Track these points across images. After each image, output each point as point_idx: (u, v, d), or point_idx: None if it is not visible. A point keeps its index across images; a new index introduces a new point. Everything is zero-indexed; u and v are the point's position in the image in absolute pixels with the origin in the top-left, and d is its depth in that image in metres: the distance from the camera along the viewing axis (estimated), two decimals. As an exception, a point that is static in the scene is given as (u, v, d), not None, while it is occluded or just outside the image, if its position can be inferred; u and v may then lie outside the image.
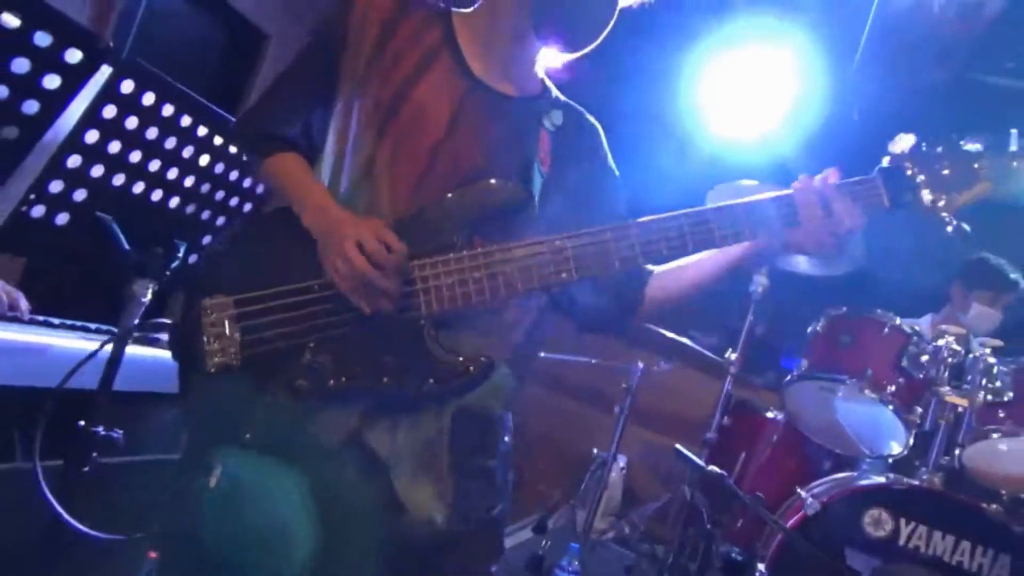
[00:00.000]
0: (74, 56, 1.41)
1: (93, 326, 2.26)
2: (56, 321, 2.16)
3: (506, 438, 1.33)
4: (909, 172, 1.23)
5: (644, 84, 3.86)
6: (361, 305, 1.20)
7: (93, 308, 2.28)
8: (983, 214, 1.29)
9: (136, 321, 1.81)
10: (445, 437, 1.23)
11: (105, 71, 1.50)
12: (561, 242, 1.20)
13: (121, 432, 1.79)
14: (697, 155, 4.14)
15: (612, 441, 3.37)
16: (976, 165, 1.21)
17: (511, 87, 1.37)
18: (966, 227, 1.24)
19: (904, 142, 1.25)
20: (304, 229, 1.28)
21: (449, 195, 1.22)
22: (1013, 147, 1.20)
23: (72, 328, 2.17)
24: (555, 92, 1.46)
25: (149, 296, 1.81)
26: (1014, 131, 1.22)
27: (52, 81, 1.41)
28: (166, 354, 2.17)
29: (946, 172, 1.23)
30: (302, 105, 1.38)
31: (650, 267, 1.39)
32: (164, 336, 2.38)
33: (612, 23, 1.30)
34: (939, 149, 1.23)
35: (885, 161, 1.25)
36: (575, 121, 1.45)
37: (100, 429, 1.75)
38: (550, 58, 1.42)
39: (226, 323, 1.23)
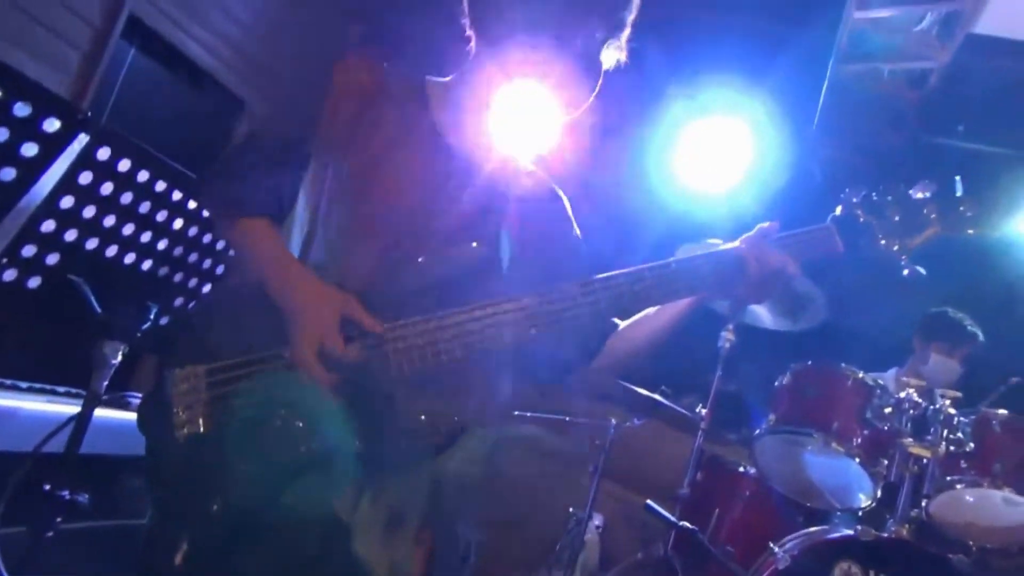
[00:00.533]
0: (52, 125, 1.46)
1: (62, 389, 2.26)
2: (24, 384, 2.16)
3: (484, 504, 1.35)
4: (861, 219, 1.32)
5: (615, 144, 3.99)
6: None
7: (60, 370, 2.28)
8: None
9: (105, 383, 1.82)
10: (418, 503, 1.24)
11: (82, 138, 1.55)
12: (528, 300, 1.24)
13: (87, 496, 1.78)
14: (665, 214, 4.26)
15: (587, 500, 3.36)
16: (925, 211, 1.31)
17: (483, 153, 1.43)
18: (921, 270, 1.32)
19: (854, 193, 1.34)
20: (266, 300, 1.29)
21: (420, 259, 1.26)
22: (959, 192, 1.31)
23: (40, 391, 2.17)
24: (520, 156, 1.53)
25: (119, 358, 1.83)
26: (958, 178, 1.32)
27: (30, 149, 1.45)
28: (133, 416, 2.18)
29: (897, 218, 1.32)
30: (275, 167, 1.40)
31: (616, 320, 1.45)
32: (134, 398, 2.38)
33: (593, 96, 1.37)
34: (889, 198, 1.33)
35: (838, 210, 1.34)
36: (540, 187, 1.52)
37: (66, 493, 1.74)
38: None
39: (197, 392, 1.24)
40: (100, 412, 1.82)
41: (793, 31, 3.78)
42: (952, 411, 2.47)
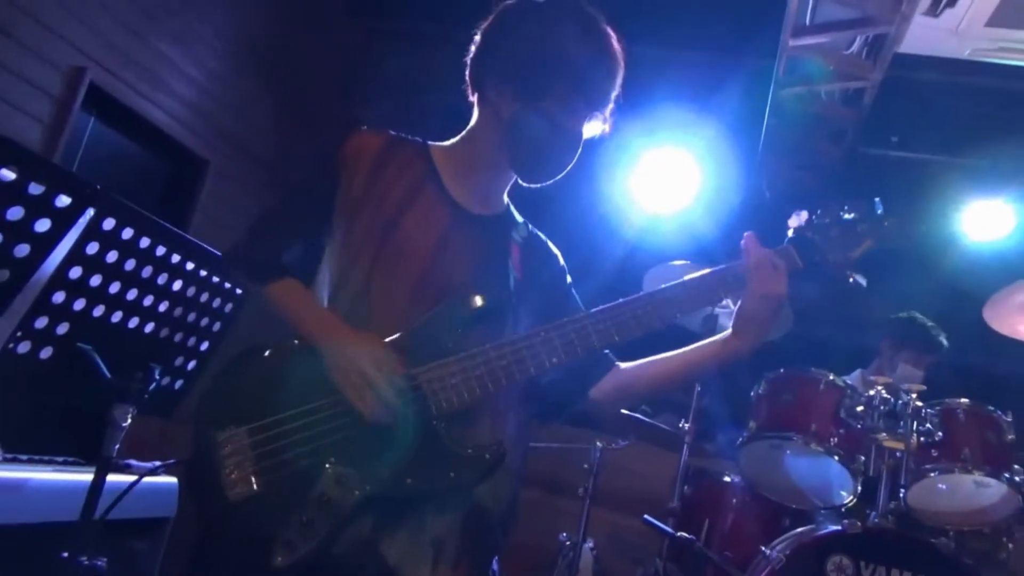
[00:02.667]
0: (63, 201, 1.52)
1: (60, 459, 2.26)
2: (24, 457, 2.17)
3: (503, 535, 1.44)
4: (811, 238, 1.48)
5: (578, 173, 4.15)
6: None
7: (59, 440, 2.29)
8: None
9: (117, 446, 1.84)
10: (456, 533, 1.32)
11: (89, 211, 1.60)
12: (546, 332, 1.35)
13: (105, 560, 1.80)
14: (625, 240, 4.43)
15: (579, 524, 3.43)
16: (858, 228, 1.48)
17: (486, 209, 1.55)
18: (862, 280, 1.48)
19: (799, 217, 1.51)
20: (300, 354, 1.37)
21: (440, 308, 1.35)
22: (879, 211, 1.49)
23: (41, 462, 2.18)
24: (513, 209, 1.65)
25: (129, 421, 1.86)
26: (877, 199, 1.51)
27: (43, 225, 1.51)
28: (150, 480, 2.19)
29: (836, 236, 1.49)
30: (299, 233, 1.50)
31: (616, 360, 1.56)
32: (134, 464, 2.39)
33: (575, 160, 1.51)
34: (827, 220, 1.50)
35: (790, 232, 1.50)
36: (535, 238, 1.65)
37: (84, 559, 1.76)
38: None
39: (243, 453, 1.29)
40: (113, 477, 1.85)
41: (735, 61, 4.02)
42: (919, 404, 2.63)
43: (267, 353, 1.40)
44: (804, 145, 4.23)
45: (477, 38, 1.53)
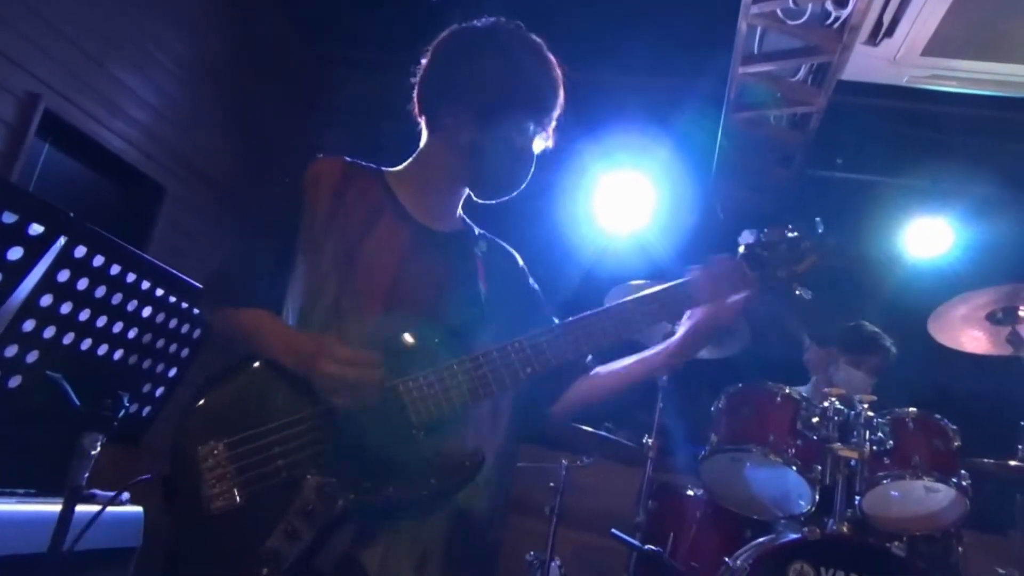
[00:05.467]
0: (36, 229, 1.52)
1: (21, 490, 2.22)
2: (-18, 490, 2.12)
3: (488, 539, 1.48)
4: (760, 254, 1.58)
5: (536, 195, 4.23)
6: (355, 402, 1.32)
7: (13, 471, 2.25)
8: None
9: (86, 475, 1.83)
10: (441, 542, 1.35)
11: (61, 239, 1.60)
12: (519, 343, 1.40)
13: (74, 592, 1.77)
14: (584, 258, 4.52)
15: (547, 543, 3.46)
16: (802, 245, 1.59)
17: (445, 225, 1.61)
18: (807, 293, 1.58)
19: (749, 235, 1.61)
20: (274, 369, 1.39)
21: (411, 324, 1.39)
22: (820, 229, 1.60)
23: (3, 494, 2.14)
24: (469, 222, 1.71)
25: (99, 449, 1.84)
26: (818, 219, 1.62)
27: (15, 253, 1.50)
28: (115, 510, 2.16)
29: (782, 252, 1.59)
30: (265, 264, 1.52)
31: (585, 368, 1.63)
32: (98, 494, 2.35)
33: (530, 177, 1.59)
34: (774, 237, 1.60)
35: (741, 249, 1.59)
36: (494, 246, 1.71)
37: (52, 591, 1.73)
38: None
39: (224, 466, 1.30)
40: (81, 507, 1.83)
41: (689, 86, 4.16)
42: (871, 414, 2.74)
43: (247, 368, 1.41)
44: (755, 167, 4.38)
45: (425, 62, 1.60)
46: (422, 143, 1.63)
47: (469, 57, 1.53)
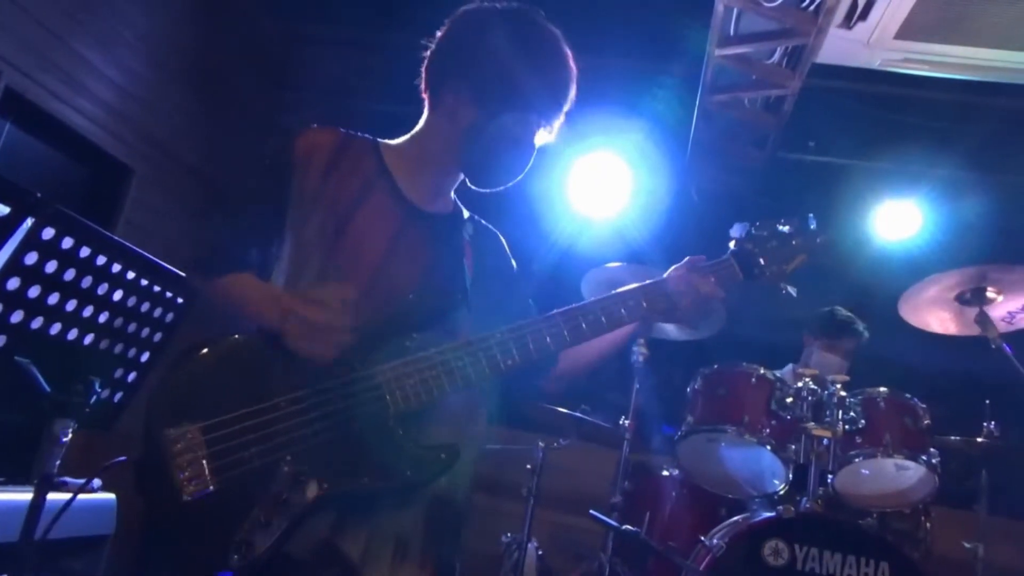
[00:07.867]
0: (2, 210, 1.47)
1: (-5, 478, 2.17)
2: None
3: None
4: (751, 250, 1.58)
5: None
6: (324, 351, 1.29)
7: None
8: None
9: (58, 462, 1.78)
10: (420, 528, 1.34)
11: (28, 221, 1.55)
12: (502, 334, 1.38)
13: (47, 581, 1.74)
14: (560, 241, 4.52)
15: (524, 524, 3.48)
16: (793, 242, 1.60)
17: (437, 207, 1.58)
18: (792, 291, 1.59)
19: (740, 229, 1.61)
20: (252, 352, 1.35)
21: (395, 304, 1.36)
22: (813, 226, 1.61)
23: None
24: (460, 205, 1.68)
25: (70, 436, 1.80)
26: (811, 215, 1.63)
27: (-20, 235, 1.46)
28: (87, 497, 2.11)
29: (773, 248, 1.60)
30: (254, 232, 1.49)
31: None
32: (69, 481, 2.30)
33: (528, 167, 1.56)
34: (765, 232, 1.61)
35: (732, 244, 1.60)
36: (481, 229, 1.68)
37: (24, 581, 1.70)
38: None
39: (197, 450, 1.26)
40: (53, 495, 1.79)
41: (665, 69, 4.15)
42: (844, 394, 2.79)
43: (221, 347, 1.37)
44: (729, 149, 4.40)
45: (438, 37, 1.55)
46: (422, 120, 1.59)
47: (482, 37, 1.48)
